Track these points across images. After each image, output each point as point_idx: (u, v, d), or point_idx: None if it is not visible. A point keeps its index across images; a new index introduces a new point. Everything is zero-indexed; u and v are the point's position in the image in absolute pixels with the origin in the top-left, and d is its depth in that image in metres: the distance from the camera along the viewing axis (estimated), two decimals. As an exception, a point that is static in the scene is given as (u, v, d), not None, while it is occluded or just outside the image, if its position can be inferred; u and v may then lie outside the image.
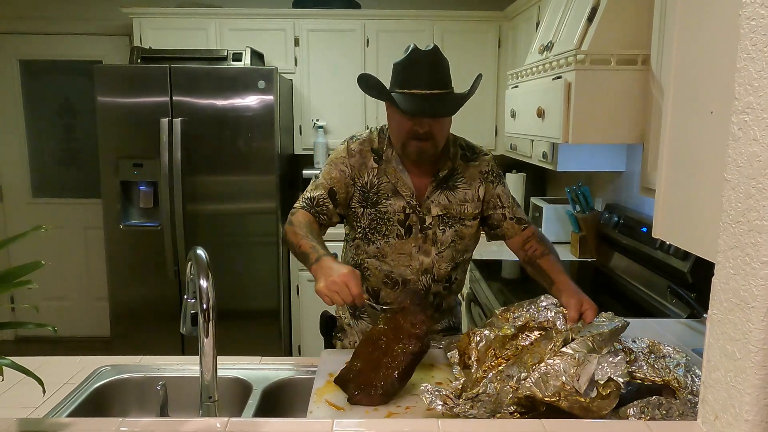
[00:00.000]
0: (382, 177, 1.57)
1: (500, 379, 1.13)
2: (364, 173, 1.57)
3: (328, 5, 3.56)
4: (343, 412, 1.20)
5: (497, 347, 1.28)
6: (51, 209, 4.08)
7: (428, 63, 1.45)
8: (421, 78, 1.44)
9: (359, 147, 1.59)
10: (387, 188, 1.57)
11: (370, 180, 1.57)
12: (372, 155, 1.59)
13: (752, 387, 0.80)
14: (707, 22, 1.03)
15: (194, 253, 1.15)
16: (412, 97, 1.43)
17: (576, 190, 2.76)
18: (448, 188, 1.59)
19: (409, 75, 1.45)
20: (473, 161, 1.64)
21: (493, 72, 3.59)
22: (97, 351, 1.65)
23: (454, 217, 1.59)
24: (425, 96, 1.43)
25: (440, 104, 1.44)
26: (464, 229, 1.61)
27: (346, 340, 1.72)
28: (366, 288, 1.63)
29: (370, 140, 1.61)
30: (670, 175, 1.15)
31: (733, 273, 0.83)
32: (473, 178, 1.62)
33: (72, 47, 3.94)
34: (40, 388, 0.90)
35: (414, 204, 1.57)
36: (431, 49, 1.46)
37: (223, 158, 3.10)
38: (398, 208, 1.56)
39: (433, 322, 1.65)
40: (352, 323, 1.71)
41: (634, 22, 1.75)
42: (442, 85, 1.46)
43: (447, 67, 1.49)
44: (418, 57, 1.45)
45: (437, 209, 1.58)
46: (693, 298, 1.89)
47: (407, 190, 1.57)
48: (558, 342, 1.17)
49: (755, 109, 0.78)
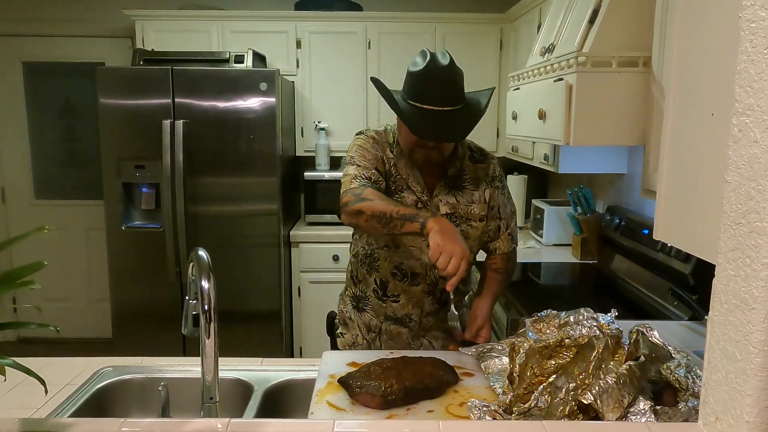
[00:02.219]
0: (397, 170, 1.58)
1: (550, 391, 1.12)
2: (385, 161, 1.58)
3: (330, 7, 3.57)
4: (344, 413, 1.20)
5: (535, 365, 1.25)
6: (53, 211, 4.09)
7: (444, 78, 1.42)
8: (436, 93, 1.41)
9: (377, 136, 1.60)
10: (401, 181, 1.58)
11: (389, 168, 1.58)
12: (388, 147, 1.60)
13: (753, 389, 0.80)
14: (707, 25, 1.03)
15: (196, 254, 1.15)
16: (424, 114, 1.41)
17: (577, 192, 2.76)
18: (456, 188, 1.60)
19: (424, 89, 1.42)
20: (481, 163, 1.65)
21: (495, 74, 3.59)
22: (99, 352, 1.65)
23: (461, 217, 1.60)
24: (438, 113, 1.41)
25: (450, 124, 1.42)
26: (470, 229, 1.61)
27: (348, 335, 1.72)
28: (374, 279, 1.64)
29: (386, 133, 1.63)
30: (671, 177, 1.15)
31: (734, 275, 0.83)
32: (480, 180, 1.63)
33: (74, 49, 3.95)
34: (42, 388, 0.90)
35: (425, 199, 1.58)
36: (448, 64, 1.42)
37: (224, 160, 3.11)
38: (411, 201, 1.57)
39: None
40: (354, 316, 1.71)
41: (635, 24, 1.76)
42: (456, 101, 1.43)
43: (462, 80, 1.46)
44: (435, 71, 1.41)
45: (445, 208, 1.59)
46: (694, 300, 1.89)
47: (418, 186, 1.58)
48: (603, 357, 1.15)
49: (755, 110, 0.78)
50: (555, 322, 1.37)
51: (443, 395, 1.27)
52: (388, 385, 1.22)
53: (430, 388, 1.26)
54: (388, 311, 1.66)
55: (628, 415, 1.07)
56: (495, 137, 3.66)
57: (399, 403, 1.22)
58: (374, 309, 1.67)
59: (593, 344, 1.18)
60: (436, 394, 1.26)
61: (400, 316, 1.66)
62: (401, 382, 1.23)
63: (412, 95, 1.44)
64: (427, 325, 1.68)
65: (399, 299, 1.64)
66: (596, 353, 1.15)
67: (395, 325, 1.67)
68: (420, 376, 1.26)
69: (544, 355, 1.24)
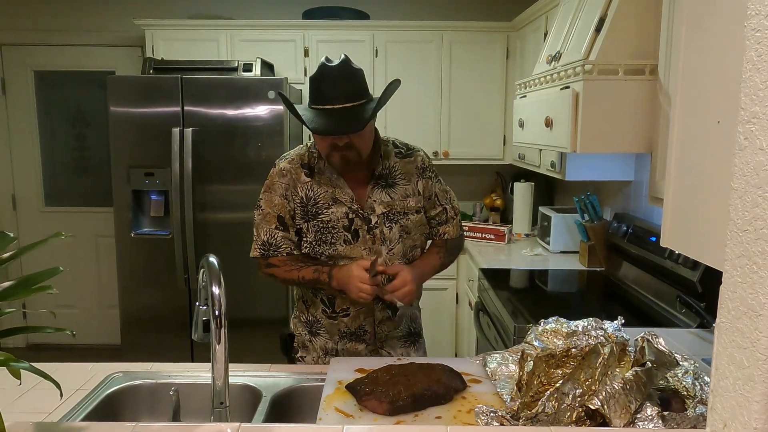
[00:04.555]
0: (318, 188, 1.60)
1: (557, 397, 1.13)
2: (298, 189, 1.60)
3: (338, 16, 3.60)
4: (352, 419, 1.20)
5: (542, 374, 1.26)
6: (63, 218, 4.13)
7: (336, 77, 1.46)
8: (330, 92, 1.45)
9: (288, 165, 1.62)
10: (325, 198, 1.59)
11: (305, 194, 1.60)
12: (302, 170, 1.61)
13: (761, 395, 0.80)
14: (713, 33, 1.04)
15: (207, 261, 1.17)
16: (321, 113, 1.46)
17: (584, 199, 2.76)
18: (388, 185, 1.62)
19: (319, 90, 1.47)
20: (408, 157, 1.67)
21: (501, 81, 3.61)
22: (107, 358, 1.67)
23: (398, 213, 1.62)
24: (334, 111, 1.45)
25: (348, 118, 1.45)
26: (409, 223, 1.63)
27: (308, 357, 1.71)
28: (321, 298, 1.65)
29: (300, 156, 1.64)
30: (678, 184, 1.15)
31: (741, 281, 0.83)
32: (410, 173, 1.65)
33: (85, 58, 4.00)
34: (54, 393, 0.92)
35: (356, 208, 1.59)
36: (339, 63, 1.47)
37: (233, 167, 3.14)
38: (341, 214, 1.59)
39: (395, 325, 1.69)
40: (312, 339, 1.70)
41: (641, 32, 1.77)
42: (353, 98, 1.46)
43: (358, 78, 1.49)
44: (326, 72, 1.46)
45: (381, 207, 1.60)
46: (702, 307, 1.88)
47: (346, 195, 1.59)
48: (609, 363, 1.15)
49: (761, 119, 0.79)
50: (562, 330, 1.37)
51: (451, 401, 1.27)
52: (396, 392, 1.23)
53: (438, 394, 1.26)
54: (341, 328, 1.66)
55: (636, 421, 1.07)
56: (502, 145, 3.67)
57: (407, 409, 1.22)
58: (328, 331, 1.67)
59: (598, 351, 1.19)
60: (443, 401, 1.27)
61: (354, 329, 1.65)
62: (409, 388, 1.24)
63: (310, 99, 1.50)
64: (382, 334, 1.68)
65: (349, 312, 1.64)
66: (601, 359, 1.15)
67: (351, 342, 1.67)
68: (428, 383, 1.26)
69: (551, 364, 1.25)
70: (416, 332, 1.77)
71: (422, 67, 3.57)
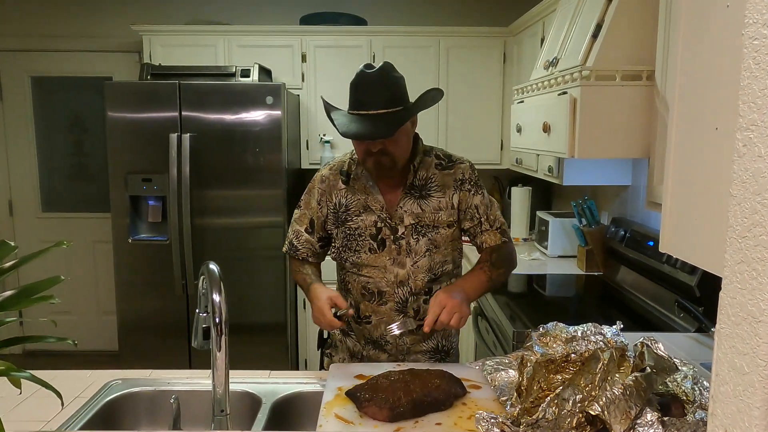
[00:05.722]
0: (352, 196, 1.62)
1: (557, 403, 1.13)
2: (333, 195, 1.64)
3: (335, 22, 3.61)
4: (352, 426, 1.20)
5: (542, 380, 1.26)
6: (60, 223, 4.11)
7: (372, 83, 1.49)
8: (365, 98, 1.48)
9: (328, 172, 1.67)
10: (357, 205, 1.61)
11: (338, 200, 1.63)
12: (340, 177, 1.64)
13: (761, 401, 0.80)
14: (711, 40, 1.05)
15: (207, 268, 1.17)
16: (356, 119, 1.48)
17: (582, 203, 2.77)
18: (421, 197, 1.61)
19: (356, 96, 1.50)
20: (448, 169, 1.65)
21: (499, 87, 3.62)
22: (105, 365, 1.66)
23: (427, 226, 1.60)
24: (369, 116, 1.47)
25: (379, 124, 1.46)
26: (438, 237, 1.61)
27: (336, 356, 1.72)
28: (350, 302, 1.65)
29: (341, 163, 1.68)
30: (676, 189, 1.16)
31: (740, 288, 0.84)
32: (447, 186, 1.63)
33: (82, 64, 4.00)
34: (53, 401, 0.92)
35: (384, 217, 1.60)
36: (377, 69, 1.49)
37: (231, 173, 3.13)
38: (369, 223, 1.60)
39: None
40: (343, 339, 1.72)
41: (638, 38, 1.78)
42: (389, 104, 1.48)
43: (396, 85, 1.51)
44: (364, 78, 1.49)
45: (410, 218, 1.60)
46: (701, 312, 1.89)
47: (377, 204, 1.60)
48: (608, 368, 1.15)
49: (759, 126, 0.79)
50: (562, 336, 1.38)
51: (451, 408, 1.28)
52: (396, 398, 1.23)
53: (438, 400, 1.26)
54: (365, 334, 1.67)
55: (636, 427, 1.07)
56: (499, 149, 3.68)
57: (407, 415, 1.22)
58: (356, 332, 1.68)
59: (598, 356, 1.19)
60: (444, 407, 1.27)
61: (375, 338, 1.65)
62: (409, 394, 1.24)
63: (349, 105, 1.53)
64: (404, 347, 1.66)
65: (371, 320, 1.64)
66: (601, 365, 1.15)
67: (375, 350, 1.67)
68: (428, 389, 1.26)
69: (550, 370, 1.25)
70: (445, 349, 1.72)
71: (420, 73, 3.58)
